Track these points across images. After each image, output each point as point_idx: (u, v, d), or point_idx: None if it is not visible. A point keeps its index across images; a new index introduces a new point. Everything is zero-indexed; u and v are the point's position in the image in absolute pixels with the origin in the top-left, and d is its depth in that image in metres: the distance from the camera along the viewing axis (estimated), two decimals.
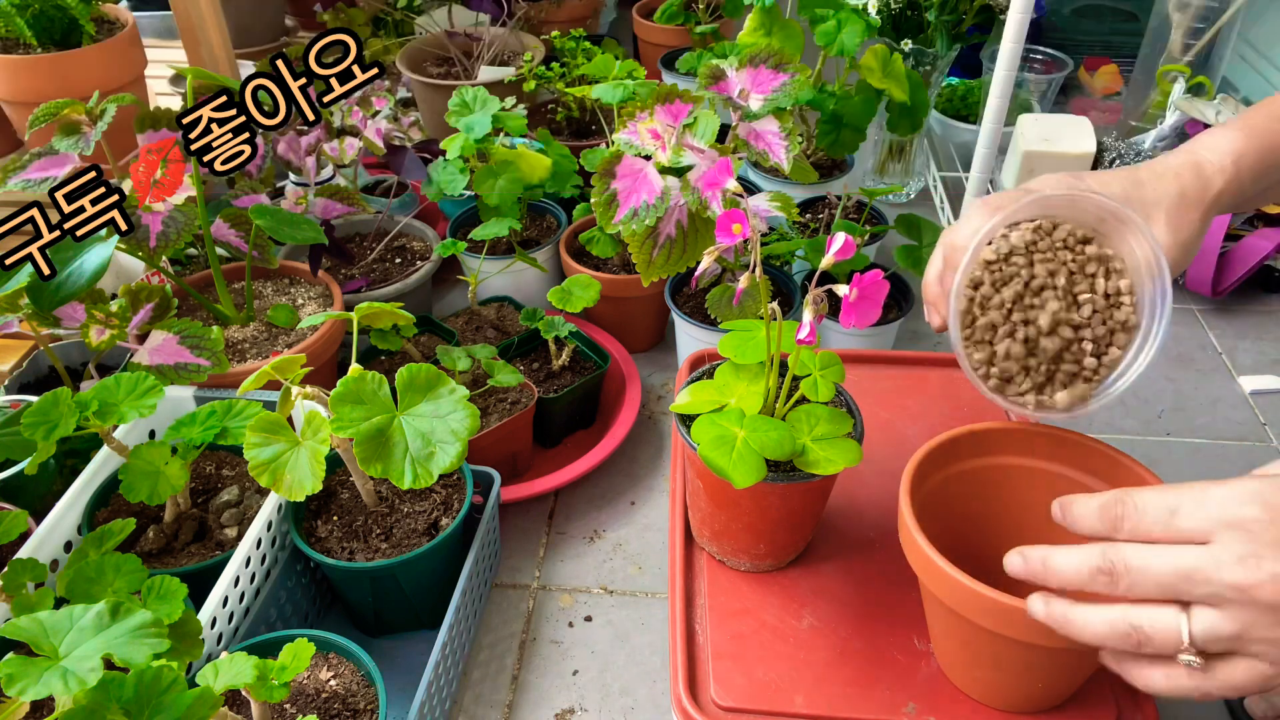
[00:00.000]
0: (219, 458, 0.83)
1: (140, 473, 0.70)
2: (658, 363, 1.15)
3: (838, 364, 0.65)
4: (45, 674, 0.46)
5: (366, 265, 1.15)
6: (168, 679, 0.49)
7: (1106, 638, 0.45)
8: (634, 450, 1.01)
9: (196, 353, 0.82)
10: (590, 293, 0.98)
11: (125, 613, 0.50)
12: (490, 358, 0.92)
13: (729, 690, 0.62)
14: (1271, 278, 1.24)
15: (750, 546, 0.68)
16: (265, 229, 0.90)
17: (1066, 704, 0.61)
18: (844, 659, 0.64)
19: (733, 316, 0.92)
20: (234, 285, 1.04)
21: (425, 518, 0.77)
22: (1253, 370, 1.12)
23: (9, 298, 0.79)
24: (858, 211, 1.19)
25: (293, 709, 0.65)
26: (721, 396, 0.63)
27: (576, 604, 0.85)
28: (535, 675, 0.79)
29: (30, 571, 0.63)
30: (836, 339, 1.06)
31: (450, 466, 0.63)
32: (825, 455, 0.60)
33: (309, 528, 0.77)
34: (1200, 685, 0.43)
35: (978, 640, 0.56)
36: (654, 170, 0.85)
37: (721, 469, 0.58)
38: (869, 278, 0.55)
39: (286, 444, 0.66)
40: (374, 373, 0.66)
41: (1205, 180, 0.56)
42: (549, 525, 0.94)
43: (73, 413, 0.67)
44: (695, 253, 0.90)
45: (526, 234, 1.19)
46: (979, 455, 0.62)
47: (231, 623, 0.69)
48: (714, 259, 0.60)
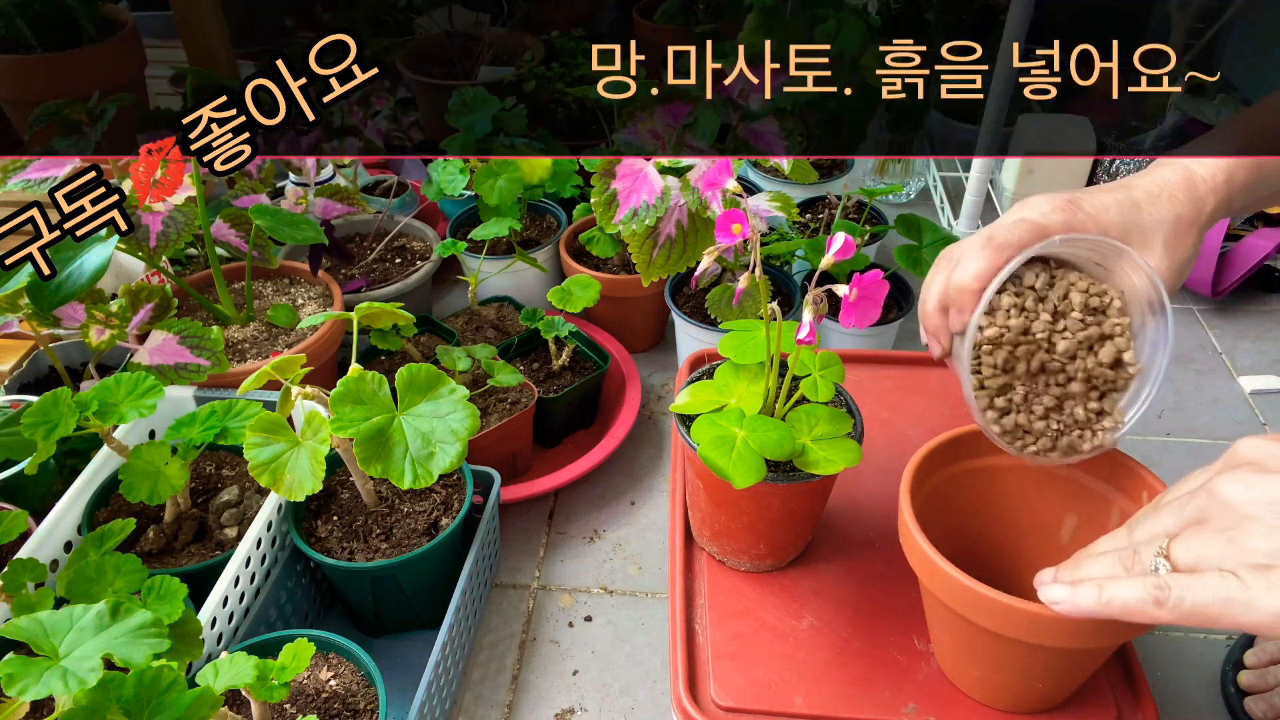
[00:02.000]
0: (219, 458, 0.83)
1: (140, 473, 0.70)
2: (658, 363, 1.15)
3: (838, 364, 0.65)
4: (45, 674, 0.46)
5: (366, 265, 1.15)
6: (168, 679, 0.49)
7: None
8: (634, 450, 1.01)
9: (196, 353, 0.82)
10: (590, 293, 0.98)
11: (125, 613, 0.50)
12: (490, 358, 0.92)
13: (729, 690, 0.62)
14: (1271, 278, 1.24)
15: (750, 546, 0.68)
16: (265, 229, 0.90)
17: (1066, 704, 0.61)
18: (844, 659, 0.64)
19: (733, 316, 0.92)
20: (234, 285, 1.04)
21: (425, 518, 0.77)
22: (1253, 370, 1.12)
23: (9, 298, 0.79)
24: (858, 211, 1.19)
25: (293, 709, 0.65)
26: (721, 396, 0.63)
27: (576, 604, 0.85)
28: (535, 675, 0.79)
29: (30, 571, 0.63)
30: (836, 339, 1.06)
31: (450, 466, 0.63)
32: (825, 455, 0.60)
33: (309, 528, 0.77)
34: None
35: (978, 640, 0.56)
36: (654, 170, 0.85)
37: (721, 469, 0.58)
38: (869, 278, 0.55)
39: (286, 444, 0.66)
40: (374, 373, 0.66)
41: (1199, 201, 0.56)
42: (549, 525, 0.94)
43: (73, 413, 0.67)
44: (695, 253, 0.90)
45: (526, 234, 1.19)
46: (979, 455, 0.62)
47: (231, 623, 0.69)
48: (714, 259, 0.60)
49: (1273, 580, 0.40)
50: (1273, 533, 0.40)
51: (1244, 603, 0.40)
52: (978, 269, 0.54)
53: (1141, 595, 0.43)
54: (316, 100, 0.73)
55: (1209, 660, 0.77)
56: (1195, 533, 0.44)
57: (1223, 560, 0.42)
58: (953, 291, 0.55)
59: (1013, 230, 0.54)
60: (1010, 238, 0.54)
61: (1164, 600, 0.42)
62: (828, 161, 1.28)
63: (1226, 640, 0.79)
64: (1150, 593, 0.43)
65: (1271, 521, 0.41)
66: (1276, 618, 0.39)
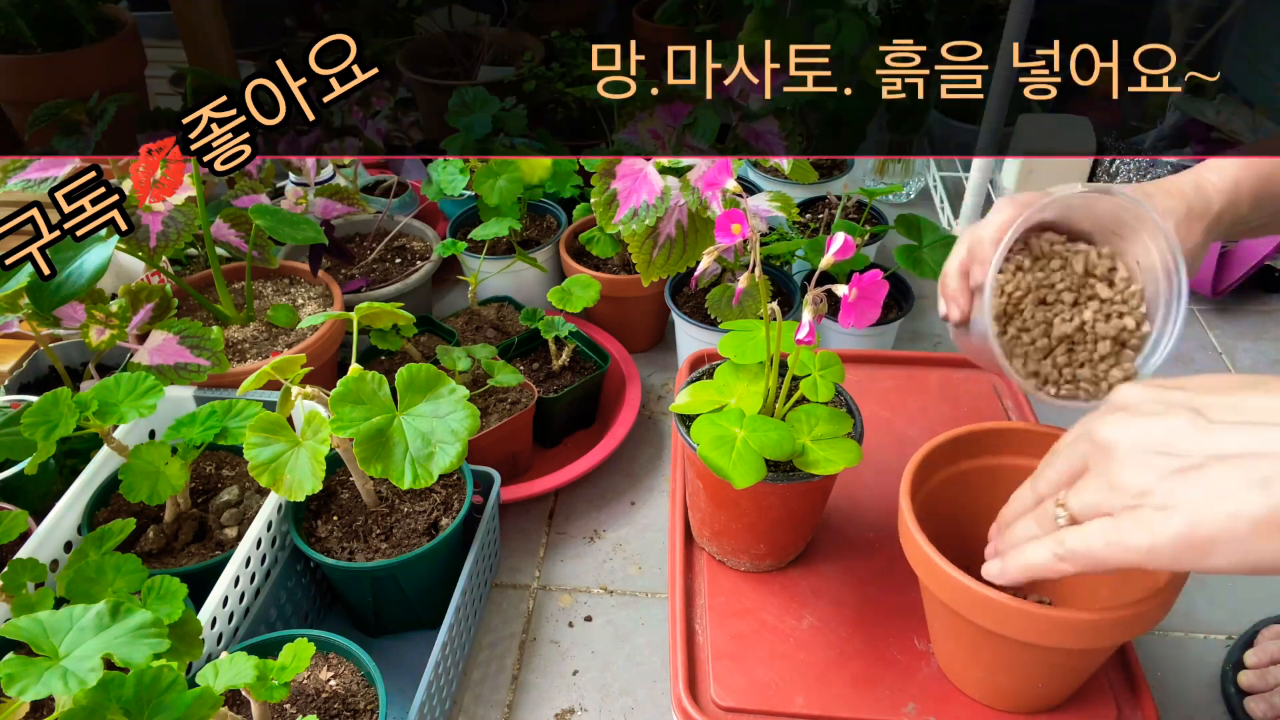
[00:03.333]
0: (219, 458, 0.83)
1: (140, 473, 0.70)
2: (658, 363, 1.15)
3: (838, 364, 0.65)
4: (45, 674, 0.46)
5: (366, 265, 1.15)
6: (168, 679, 0.49)
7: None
8: (634, 450, 1.01)
9: (196, 353, 0.82)
10: (590, 293, 0.98)
11: (125, 613, 0.50)
12: (490, 358, 0.92)
13: (729, 690, 0.62)
14: (1271, 278, 1.24)
15: (750, 546, 0.68)
16: (265, 229, 0.90)
17: (1066, 704, 0.61)
18: (844, 659, 0.64)
19: (733, 316, 0.92)
20: (234, 285, 1.04)
21: (425, 518, 0.77)
22: (1252, 370, 1.12)
23: (9, 298, 0.79)
24: (858, 211, 1.19)
25: (293, 709, 0.65)
26: (721, 396, 0.63)
27: (576, 604, 0.85)
28: (535, 675, 0.79)
29: (30, 571, 0.63)
30: (836, 339, 1.06)
31: (450, 466, 0.63)
32: (825, 455, 0.60)
33: (309, 528, 0.77)
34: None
35: (977, 640, 0.56)
36: (654, 170, 0.85)
37: (721, 469, 0.58)
38: (868, 278, 0.55)
39: (286, 444, 0.66)
40: (374, 373, 0.66)
41: (1207, 199, 0.59)
42: (549, 525, 0.94)
43: (73, 413, 0.67)
44: (695, 253, 0.90)
45: (526, 234, 1.19)
46: (979, 455, 0.62)
47: (231, 623, 0.69)
48: (714, 259, 0.60)
49: (1139, 519, 0.42)
50: (1137, 473, 0.43)
51: (1119, 544, 0.43)
52: (1000, 220, 0.57)
53: (1047, 555, 0.47)
54: (316, 100, 0.73)
55: (1209, 660, 0.77)
56: (1083, 481, 0.46)
57: (1103, 504, 0.44)
58: (974, 244, 0.58)
59: (1032, 195, 0.58)
60: (1031, 198, 0.57)
61: (1064, 555, 0.45)
62: (828, 161, 1.28)
63: (1226, 640, 0.79)
64: (1052, 549, 0.46)
65: (1136, 462, 0.43)
66: (1147, 554, 0.42)
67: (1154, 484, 0.42)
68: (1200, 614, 0.81)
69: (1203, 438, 0.41)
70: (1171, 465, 0.41)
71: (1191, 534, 0.40)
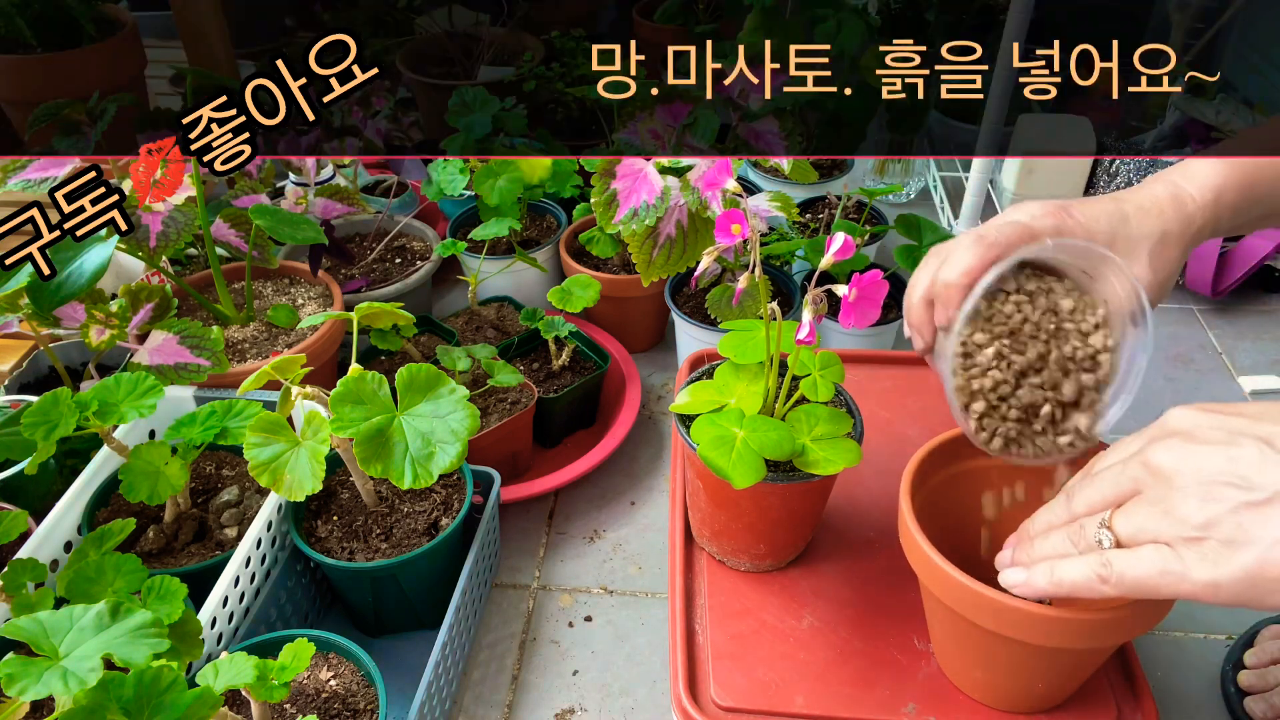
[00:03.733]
0: (219, 458, 0.83)
1: (140, 473, 0.70)
2: (658, 363, 1.15)
3: (838, 364, 0.65)
4: (45, 674, 0.46)
5: (366, 265, 1.15)
6: (168, 679, 0.49)
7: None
8: (634, 450, 1.01)
9: (196, 353, 0.82)
10: (590, 293, 0.98)
11: (125, 613, 0.50)
12: (490, 358, 0.92)
13: (729, 690, 0.62)
14: (1271, 278, 1.24)
15: (750, 546, 0.68)
16: (265, 229, 0.90)
17: (1066, 704, 0.61)
18: (844, 659, 0.64)
19: (733, 316, 0.92)
20: (234, 285, 1.04)
21: (425, 518, 0.77)
22: (1253, 370, 1.12)
23: (9, 298, 0.79)
24: (858, 211, 1.19)
25: (293, 709, 0.65)
26: (721, 396, 0.63)
27: (576, 604, 0.85)
28: (535, 675, 0.79)
29: (30, 571, 0.63)
30: (836, 339, 1.06)
31: (450, 466, 0.63)
32: (825, 455, 0.60)
33: (309, 528, 0.77)
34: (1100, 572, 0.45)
35: (978, 640, 0.56)
36: (654, 170, 0.85)
37: (721, 469, 0.58)
38: (868, 278, 0.55)
39: (286, 444, 0.66)
40: (374, 373, 0.66)
41: (1186, 218, 0.57)
42: (549, 525, 0.94)
43: (73, 413, 0.67)
44: (695, 253, 0.90)
45: (526, 234, 1.19)
46: (979, 455, 0.62)
47: (231, 623, 0.69)
48: (714, 259, 0.60)
49: (1203, 552, 0.41)
50: (1202, 505, 0.41)
51: (1178, 574, 0.41)
52: (966, 265, 0.54)
53: (1088, 574, 0.45)
54: (316, 100, 0.73)
55: (1209, 660, 0.77)
56: (1134, 505, 0.45)
57: (1159, 532, 0.43)
58: (939, 287, 0.56)
59: (1003, 230, 0.55)
60: (1000, 237, 0.55)
61: (1107, 577, 0.44)
62: (828, 161, 1.28)
63: (1226, 640, 0.79)
64: (1095, 570, 0.45)
65: (1200, 494, 0.42)
66: (1208, 588, 0.41)
67: (1222, 517, 0.40)
68: (1200, 614, 0.81)
69: (1273, 470, 0.40)
70: (1240, 499, 0.40)
71: (1260, 571, 0.39)
